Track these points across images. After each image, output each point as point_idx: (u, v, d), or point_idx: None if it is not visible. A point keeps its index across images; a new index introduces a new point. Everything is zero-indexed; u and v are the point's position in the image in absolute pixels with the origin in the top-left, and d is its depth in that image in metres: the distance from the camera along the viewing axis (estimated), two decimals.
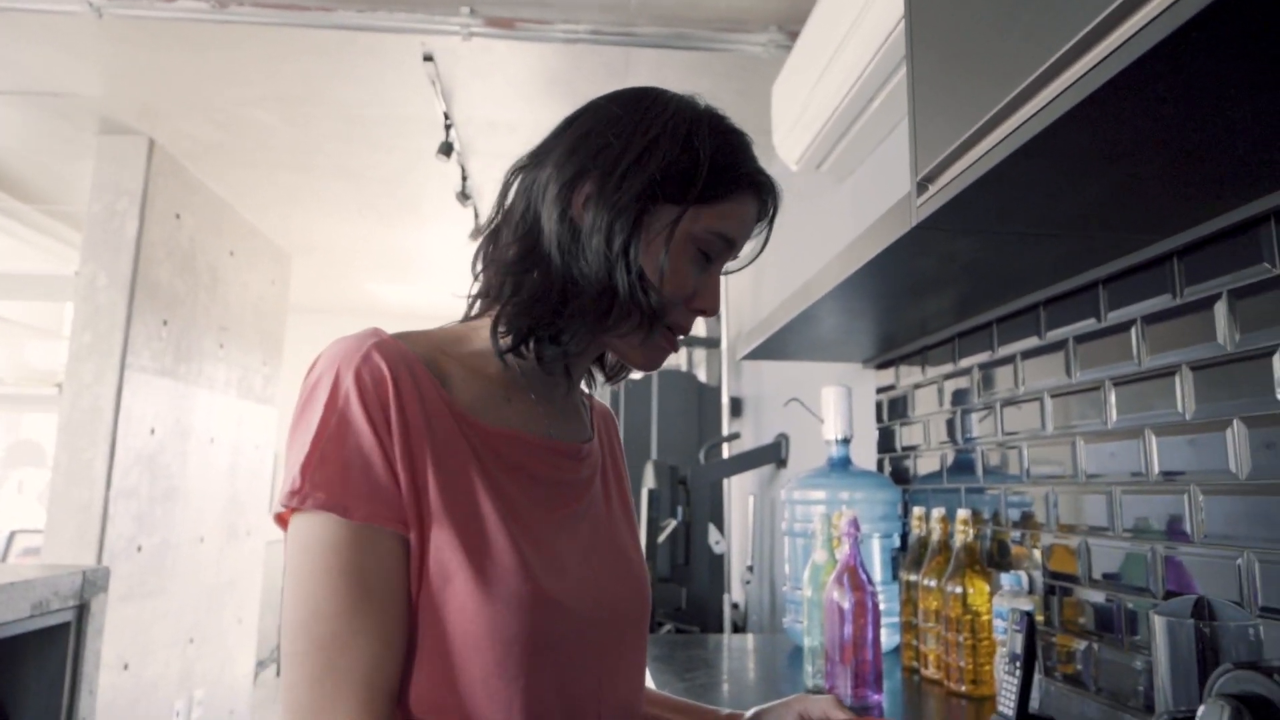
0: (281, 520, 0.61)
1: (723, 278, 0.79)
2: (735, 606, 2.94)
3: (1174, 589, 1.00)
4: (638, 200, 0.66)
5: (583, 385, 0.83)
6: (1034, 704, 1.12)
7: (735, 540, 3.15)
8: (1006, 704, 1.12)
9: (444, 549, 0.60)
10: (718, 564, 2.84)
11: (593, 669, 0.66)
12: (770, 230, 0.78)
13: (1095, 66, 0.63)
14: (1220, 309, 0.94)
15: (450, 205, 3.68)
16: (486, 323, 0.71)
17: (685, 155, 0.67)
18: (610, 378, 0.82)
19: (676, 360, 3.88)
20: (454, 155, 2.96)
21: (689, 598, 2.75)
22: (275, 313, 4.64)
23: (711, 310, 0.72)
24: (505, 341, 0.67)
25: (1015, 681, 1.11)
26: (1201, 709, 0.54)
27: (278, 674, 5.82)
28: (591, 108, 0.72)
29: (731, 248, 0.73)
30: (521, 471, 0.67)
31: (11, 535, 4.33)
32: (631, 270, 0.66)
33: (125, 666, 3.21)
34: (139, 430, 3.26)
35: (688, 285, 0.70)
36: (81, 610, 1.73)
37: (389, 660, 0.58)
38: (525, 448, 0.68)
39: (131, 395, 3.20)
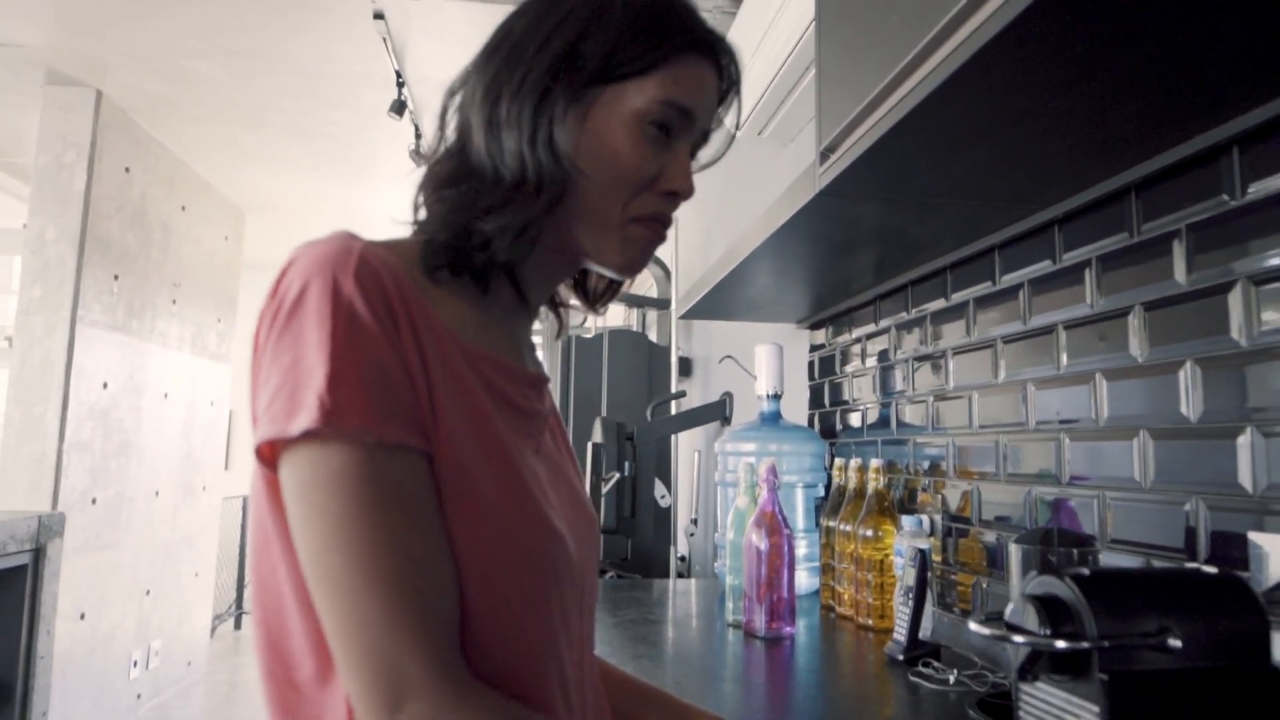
0: (267, 452, 0.54)
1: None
2: (682, 559, 3.06)
3: (1046, 527, 1.11)
4: (542, 79, 0.62)
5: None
6: (925, 632, 1.24)
7: (682, 494, 3.27)
8: (900, 632, 1.23)
9: (458, 467, 0.55)
10: (663, 517, 2.94)
11: (575, 597, 0.64)
12: (740, 98, 0.71)
13: (951, 54, 0.70)
14: (1089, 274, 1.03)
15: (404, 164, 3.69)
16: None
17: (598, 26, 0.63)
18: (594, 303, 0.77)
19: (629, 320, 3.95)
20: (407, 114, 2.98)
21: (634, 549, 2.86)
22: (229, 269, 4.62)
23: (684, 191, 0.66)
24: (436, 261, 0.62)
25: (908, 612, 1.22)
26: (1009, 607, 0.64)
27: (236, 627, 5.88)
28: (514, 11, 0.67)
29: (690, 119, 0.65)
30: (502, 397, 0.62)
31: None
32: (538, 149, 0.61)
33: (82, 616, 3.25)
34: (91, 385, 3.27)
35: (644, 167, 0.64)
36: (38, 554, 1.78)
37: (451, 590, 0.53)
38: (505, 373, 0.64)
39: (83, 350, 3.20)
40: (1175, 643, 0.58)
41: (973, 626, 0.65)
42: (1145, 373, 0.94)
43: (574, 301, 0.78)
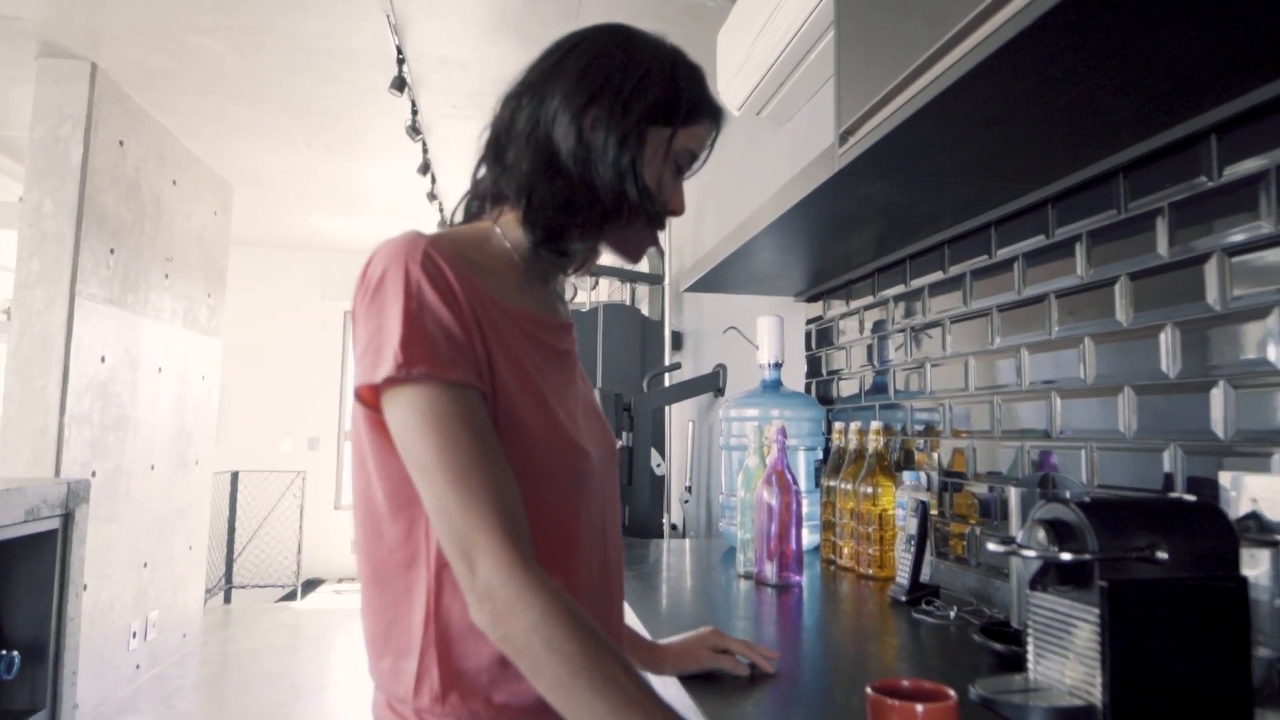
0: (366, 394, 0.72)
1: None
2: (674, 527, 3.17)
3: (1041, 474, 1.22)
4: (640, 123, 0.80)
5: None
6: (925, 576, 1.35)
7: (675, 463, 3.38)
8: (903, 576, 1.34)
9: (508, 402, 0.73)
10: (659, 485, 3.05)
11: (599, 501, 0.82)
12: (712, 149, 0.91)
13: (972, 50, 0.80)
14: (1079, 248, 1.14)
15: (397, 140, 3.73)
16: (493, 225, 0.84)
17: (670, 86, 0.81)
18: (578, 270, 0.94)
19: (621, 295, 4.03)
20: (406, 91, 3.02)
21: (631, 515, 2.97)
22: (218, 244, 4.63)
23: (681, 210, 0.87)
24: (539, 235, 0.80)
25: (910, 558, 1.33)
26: (1021, 531, 0.75)
27: (226, 601, 5.94)
28: (583, 42, 0.84)
29: (695, 160, 0.87)
30: (539, 343, 0.81)
31: None
32: (639, 180, 0.80)
33: (84, 587, 3.30)
34: (90, 358, 3.30)
35: (666, 192, 0.85)
36: (67, 518, 1.84)
37: (510, 486, 0.69)
38: (540, 324, 0.82)
39: (82, 323, 3.23)
40: (1162, 555, 0.69)
41: (990, 546, 0.76)
42: (1130, 336, 1.05)
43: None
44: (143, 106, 3.63)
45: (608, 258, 0.92)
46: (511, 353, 0.76)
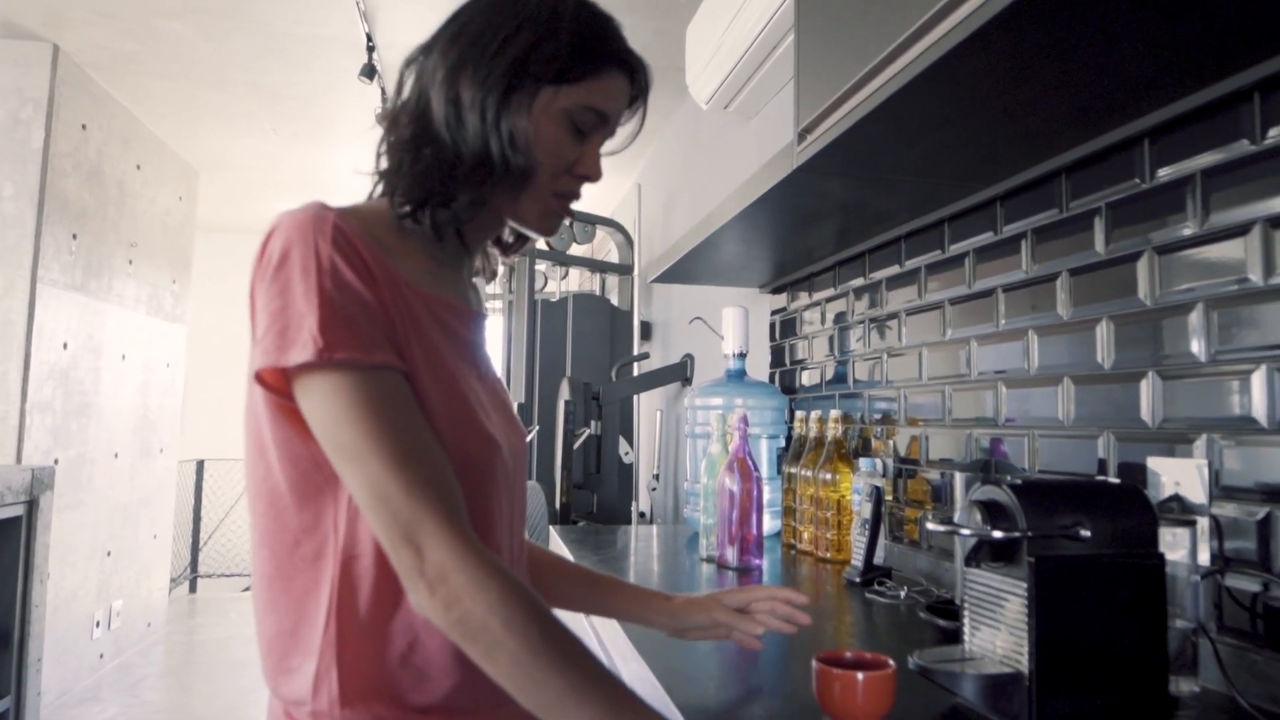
0: (269, 377, 0.68)
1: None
2: (642, 515, 3.22)
3: (986, 459, 1.28)
4: (505, 78, 0.74)
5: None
6: (878, 559, 1.41)
7: (644, 452, 3.42)
8: (857, 558, 1.40)
9: (421, 388, 0.69)
10: (627, 473, 3.09)
11: (506, 494, 0.79)
12: (646, 107, 0.84)
13: (924, 53, 0.84)
14: (1025, 245, 1.19)
15: (367, 128, 3.71)
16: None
17: (548, 38, 0.74)
18: (506, 252, 0.91)
19: (591, 285, 4.06)
20: (375, 78, 3.01)
21: (600, 503, 3.01)
22: (183, 230, 4.57)
23: (593, 176, 0.80)
24: (404, 209, 0.74)
25: (864, 541, 1.39)
26: (958, 511, 0.80)
27: (191, 590, 5.90)
28: (471, 4, 0.79)
29: (605, 121, 0.79)
30: (450, 331, 0.76)
31: None
32: (503, 138, 0.73)
33: (46, 576, 3.27)
34: (51, 344, 3.26)
35: (566, 154, 0.77)
36: (31, 505, 1.84)
37: (447, 467, 0.67)
38: (452, 311, 0.77)
39: (43, 309, 3.19)
40: (1085, 533, 0.74)
41: (929, 526, 0.80)
42: (1069, 329, 1.11)
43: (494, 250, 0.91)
44: (107, 90, 3.57)
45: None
46: (425, 336, 0.72)
